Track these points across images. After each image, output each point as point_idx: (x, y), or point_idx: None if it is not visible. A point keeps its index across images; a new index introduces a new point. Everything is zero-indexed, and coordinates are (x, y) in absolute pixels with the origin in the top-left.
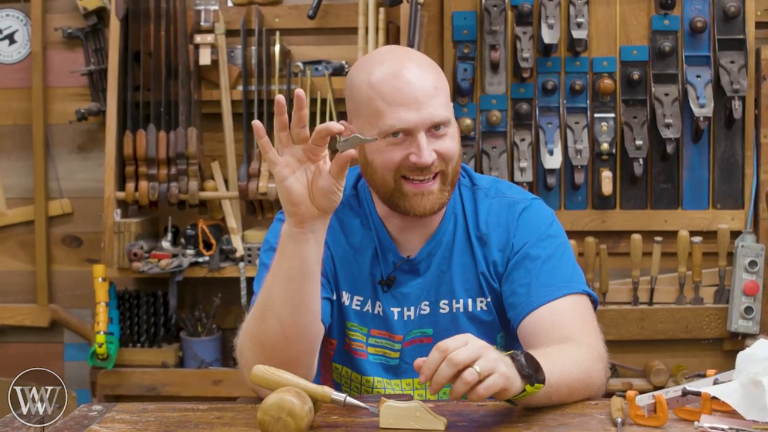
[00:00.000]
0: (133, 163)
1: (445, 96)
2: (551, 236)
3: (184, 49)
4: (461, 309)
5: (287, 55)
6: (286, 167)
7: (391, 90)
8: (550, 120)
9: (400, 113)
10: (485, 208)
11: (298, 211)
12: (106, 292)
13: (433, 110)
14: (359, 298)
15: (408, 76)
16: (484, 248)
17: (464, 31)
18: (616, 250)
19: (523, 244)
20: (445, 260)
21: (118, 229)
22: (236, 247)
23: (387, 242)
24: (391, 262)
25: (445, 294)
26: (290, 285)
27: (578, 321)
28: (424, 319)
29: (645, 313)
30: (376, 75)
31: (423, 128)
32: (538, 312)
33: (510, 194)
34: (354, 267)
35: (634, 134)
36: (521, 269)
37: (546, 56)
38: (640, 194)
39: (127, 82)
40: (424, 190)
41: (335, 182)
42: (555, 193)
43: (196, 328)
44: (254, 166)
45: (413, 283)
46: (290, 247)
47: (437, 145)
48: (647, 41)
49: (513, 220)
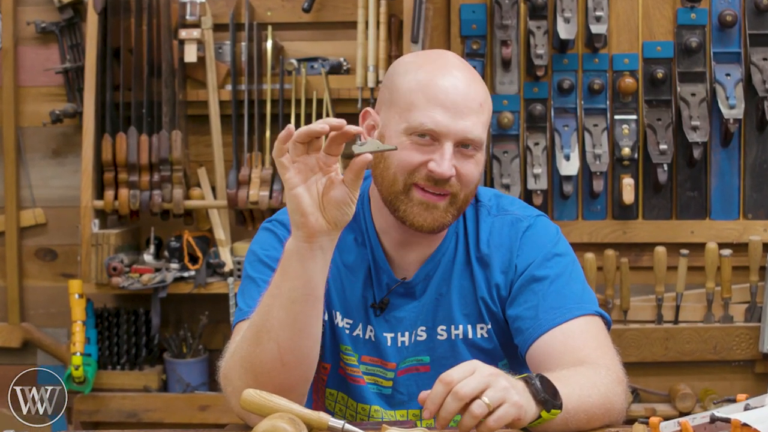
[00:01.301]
0: (112, 169)
1: (486, 119)
2: (558, 255)
3: (167, 45)
4: (460, 335)
5: (280, 51)
6: (298, 174)
7: (436, 88)
8: (567, 122)
9: (435, 113)
10: (487, 226)
11: (308, 222)
12: (83, 310)
13: (470, 125)
14: (349, 321)
15: (459, 81)
16: (485, 270)
17: (473, 25)
18: (638, 264)
19: (527, 264)
20: (443, 283)
21: (96, 241)
22: (225, 261)
23: (382, 262)
24: (384, 285)
25: (443, 319)
26: (292, 307)
27: (592, 342)
28: (420, 345)
29: (670, 332)
30: (427, 69)
31: (453, 138)
32: (547, 336)
33: (513, 211)
34: (347, 287)
35: (657, 138)
36: (527, 292)
37: (562, 53)
38: (665, 203)
39: (106, 81)
40: (430, 201)
41: (349, 192)
42: (572, 202)
43: (180, 348)
44: (244, 172)
45: (408, 307)
46: (295, 265)
47: (460, 164)
48: (672, 36)
49: (516, 240)
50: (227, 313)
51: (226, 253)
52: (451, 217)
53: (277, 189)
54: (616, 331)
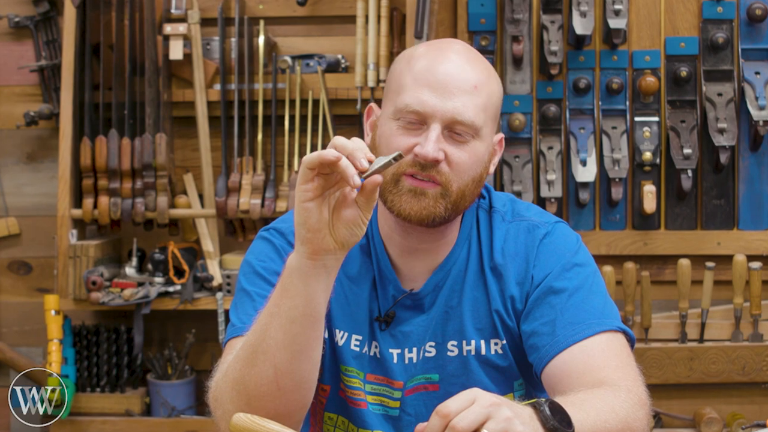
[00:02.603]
0: (91, 175)
1: (482, 102)
2: (578, 265)
3: (151, 41)
4: (472, 352)
5: (273, 48)
6: (316, 189)
7: (424, 68)
8: (583, 125)
9: (422, 94)
10: (501, 233)
11: (314, 238)
12: (60, 328)
13: (460, 105)
14: (358, 337)
15: (450, 63)
16: (499, 281)
17: (482, 19)
18: (660, 278)
19: (545, 275)
20: (454, 294)
21: (73, 253)
22: (213, 275)
23: (387, 271)
24: (390, 296)
25: (454, 334)
26: (291, 328)
27: (613, 362)
28: (429, 362)
29: (694, 352)
30: (419, 51)
31: (440, 120)
32: (565, 354)
33: (529, 216)
34: (351, 300)
35: (681, 141)
36: (544, 305)
37: (578, 49)
38: (689, 212)
39: (85, 80)
40: (417, 188)
41: (361, 214)
42: (588, 211)
43: (165, 369)
44: (234, 179)
45: (416, 320)
46: (296, 283)
47: (451, 150)
48: (697, 32)
49: (533, 248)
50: (216, 331)
51: (215, 266)
52: (443, 210)
53: (270, 197)
54: (637, 351)
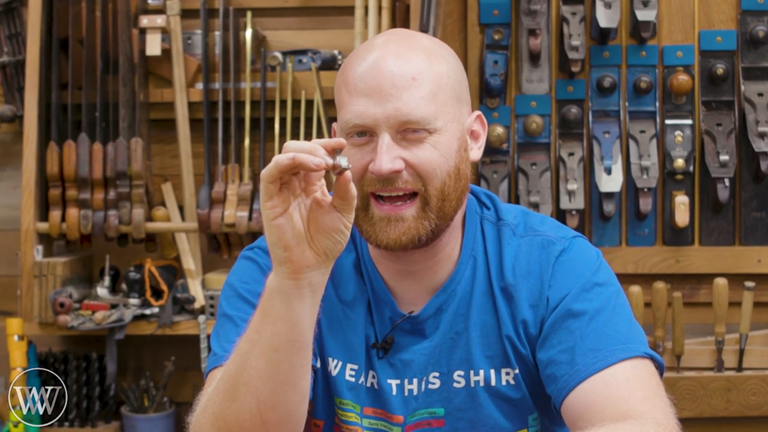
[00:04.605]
0: (59, 184)
1: (429, 91)
2: (599, 285)
3: (126, 35)
4: (481, 383)
5: (262, 42)
6: (283, 202)
7: (354, 76)
8: (608, 128)
9: (358, 105)
10: (512, 250)
11: (292, 256)
12: (24, 355)
13: (402, 105)
14: (353, 366)
15: (380, 61)
16: (510, 304)
17: (495, 11)
18: (694, 299)
19: (562, 297)
20: (459, 318)
21: (39, 271)
22: (195, 296)
23: (382, 293)
24: (387, 319)
25: (461, 363)
26: (275, 356)
27: (640, 392)
28: (433, 395)
29: (732, 381)
30: (350, 57)
31: (386, 127)
32: (586, 384)
33: (543, 231)
34: (346, 326)
35: (717, 147)
36: (561, 330)
37: (602, 44)
38: (726, 226)
39: (52, 78)
40: (391, 215)
41: (342, 216)
42: (614, 225)
43: (141, 401)
44: (218, 189)
45: (417, 347)
46: (278, 306)
47: (409, 154)
48: (735, 24)
49: (548, 266)
50: (198, 358)
51: (197, 287)
52: (427, 225)
53: (258, 209)
54: (668, 380)
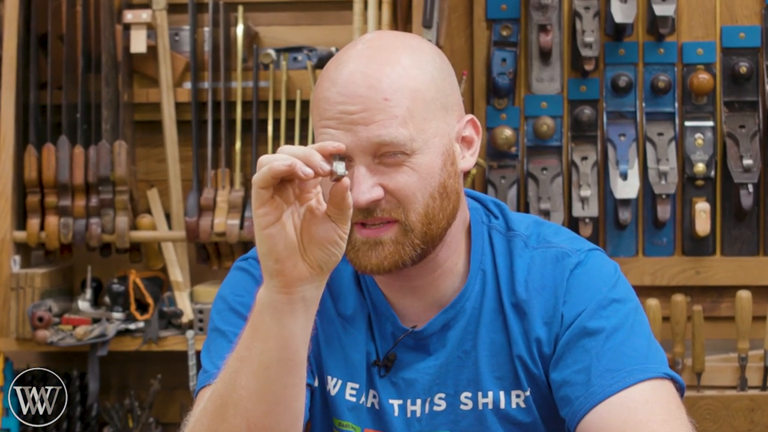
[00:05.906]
0: (37, 190)
1: (404, 108)
2: (616, 301)
3: (109, 31)
4: (490, 405)
5: (254, 39)
6: (276, 210)
7: (324, 99)
8: (623, 131)
9: (330, 134)
10: (524, 263)
11: (284, 269)
12: (0, 372)
13: (376, 128)
14: (354, 385)
15: (350, 84)
16: (522, 321)
17: (503, 6)
18: (715, 313)
19: (577, 314)
20: (467, 336)
21: (16, 283)
22: (182, 309)
23: (383, 307)
24: (389, 334)
25: (469, 384)
26: (265, 374)
27: (660, 415)
28: (439, 417)
29: (756, 401)
30: (321, 75)
31: (361, 155)
32: (602, 407)
33: (558, 243)
34: (346, 343)
35: (740, 150)
36: (576, 349)
37: (617, 41)
38: (750, 235)
39: (30, 77)
40: (370, 239)
41: (337, 227)
42: (630, 234)
43: (126, 422)
44: (207, 195)
45: (421, 365)
46: (269, 322)
47: (387, 180)
48: (759, 20)
49: (562, 281)
50: (186, 376)
51: (184, 300)
52: (411, 249)
53: (251, 216)
54: (688, 400)
